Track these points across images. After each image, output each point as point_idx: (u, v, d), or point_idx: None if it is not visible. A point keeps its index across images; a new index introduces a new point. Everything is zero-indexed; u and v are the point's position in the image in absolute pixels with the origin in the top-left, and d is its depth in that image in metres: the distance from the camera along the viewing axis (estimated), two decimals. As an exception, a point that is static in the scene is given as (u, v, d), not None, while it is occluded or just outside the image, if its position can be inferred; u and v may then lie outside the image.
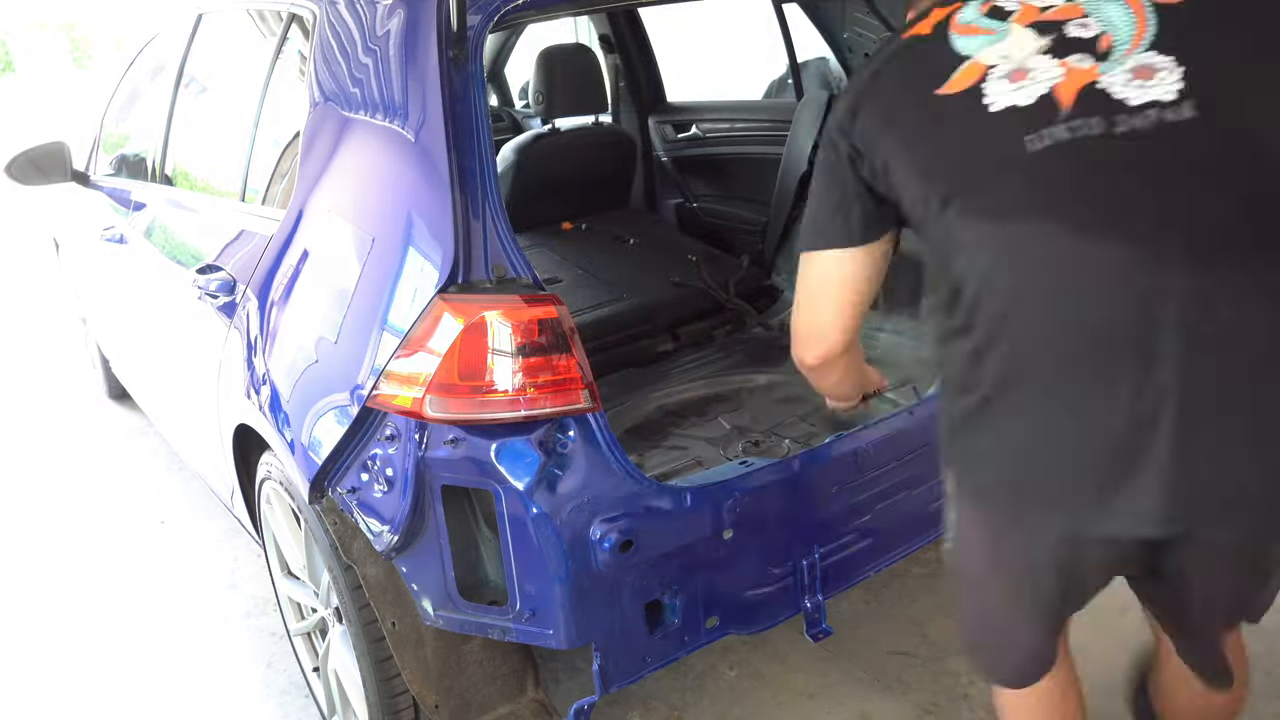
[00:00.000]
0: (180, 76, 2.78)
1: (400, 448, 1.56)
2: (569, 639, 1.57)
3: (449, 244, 1.52)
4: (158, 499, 3.42)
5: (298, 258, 1.86)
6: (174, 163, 2.76)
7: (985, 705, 2.10)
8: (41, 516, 3.39)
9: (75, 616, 2.77)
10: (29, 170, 3.17)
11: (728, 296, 2.86)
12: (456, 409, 1.50)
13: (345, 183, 1.80)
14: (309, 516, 1.82)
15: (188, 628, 2.67)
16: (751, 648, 2.32)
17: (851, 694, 2.17)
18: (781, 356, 2.66)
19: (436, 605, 1.65)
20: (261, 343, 1.91)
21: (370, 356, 1.58)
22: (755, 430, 2.18)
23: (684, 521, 1.61)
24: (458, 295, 1.51)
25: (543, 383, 1.49)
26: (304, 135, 1.90)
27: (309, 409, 1.72)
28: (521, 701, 1.84)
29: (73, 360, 4.78)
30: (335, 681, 2.06)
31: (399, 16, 1.69)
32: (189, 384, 2.46)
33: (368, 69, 1.76)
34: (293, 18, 2.10)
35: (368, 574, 1.72)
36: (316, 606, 2.07)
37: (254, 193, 2.20)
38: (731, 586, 1.73)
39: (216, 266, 2.16)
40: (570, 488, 1.51)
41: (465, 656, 1.77)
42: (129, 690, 2.44)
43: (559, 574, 1.52)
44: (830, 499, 1.83)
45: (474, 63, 1.61)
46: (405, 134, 1.63)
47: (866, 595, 2.48)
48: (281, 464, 1.88)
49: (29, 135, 3.72)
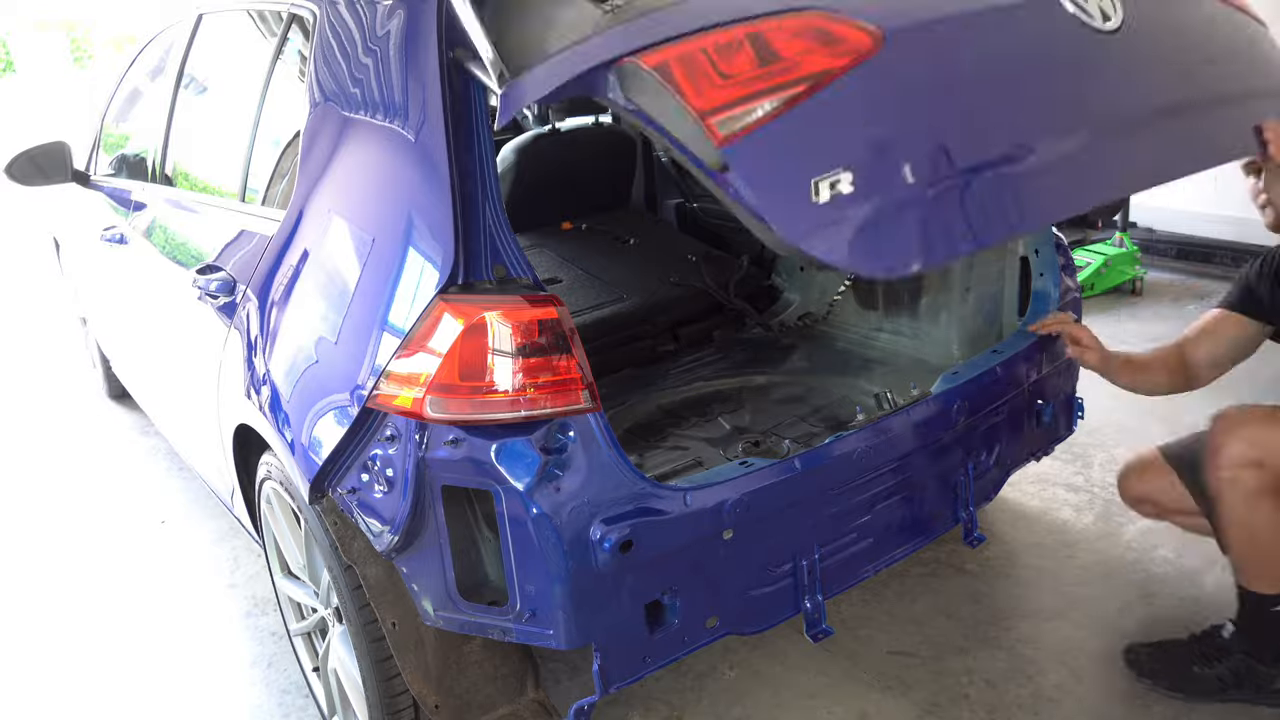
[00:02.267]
0: (180, 77, 2.79)
1: (400, 448, 1.57)
2: (569, 639, 1.57)
3: (449, 244, 1.52)
4: (158, 499, 3.42)
5: (298, 258, 1.86)
6: (174, 163, 2.76)
7: (985, 705, 2.11)
8: (42, 516, 3.39)
9: (75, 616, 2.77)
10: (29, 170, 3.17)
11: (728, 296, 2.86)
12: (457, 409, 1.50)
13: (345, 183, 1.80)
14: (309, 516, 1.82)
15: (188, 628, 2.67)
16: (751, 648, 2.32)
17: (851, 694, 2.17)
18: (781, 356, 2.66)
19: (437, 605, 1.65)
20: (261, 343, 1.91)
21: (370, 357, 1.58)
22: (755, 430, 2.18)
23: (684, 521, 1.61)
24: (458, 296, 1.51)
25: (543, 383, 1.49)
26: (304, 135, 1.90)
27: (309, 409, 1.72)
28: (521, 701, 1.84)
29: (73, 360, 4.78)
30: (335, 681, 2.06)
31: (399, 16, 1.69)
32: (189, 384, 2.46)
33: (368, 69, 1.76)
34: (293, 18, 2.10)
35: (368, 574, 1.73)
36: (316, 606, 2.07)
37: (254, 193, 2.20)
38: (731, 587, 1.73)
39: (217, 266, 2.16)
40: (570, 488, 1.51)
41: (465, 657, 1.78)
42: (129, 690, 2.44)
43: (559, 574, 1.52)
44: (830, 499, 1.83)
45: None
46: (405, 134, 1.63)
47: (866, 595, 2.48)
48: (282, 464, 1.88)
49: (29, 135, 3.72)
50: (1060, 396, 2.30)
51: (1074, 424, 2.39)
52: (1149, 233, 5.12)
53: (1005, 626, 2.33)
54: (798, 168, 1.28)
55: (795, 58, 1.35)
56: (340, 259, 1.75)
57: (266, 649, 2.54)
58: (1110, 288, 4.56)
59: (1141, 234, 5.08)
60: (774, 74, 1.32)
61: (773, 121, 1.29)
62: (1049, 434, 2.31)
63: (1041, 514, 2.79)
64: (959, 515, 2.09)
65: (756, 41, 1.36)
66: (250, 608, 2.73)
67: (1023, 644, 2.27)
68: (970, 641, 2.30)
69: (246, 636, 2.61)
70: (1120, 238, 4.63)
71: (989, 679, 2.18)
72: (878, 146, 1.37)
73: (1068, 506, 2.81)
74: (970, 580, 2.53)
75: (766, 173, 1.28)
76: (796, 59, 1.35)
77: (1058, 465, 2.96)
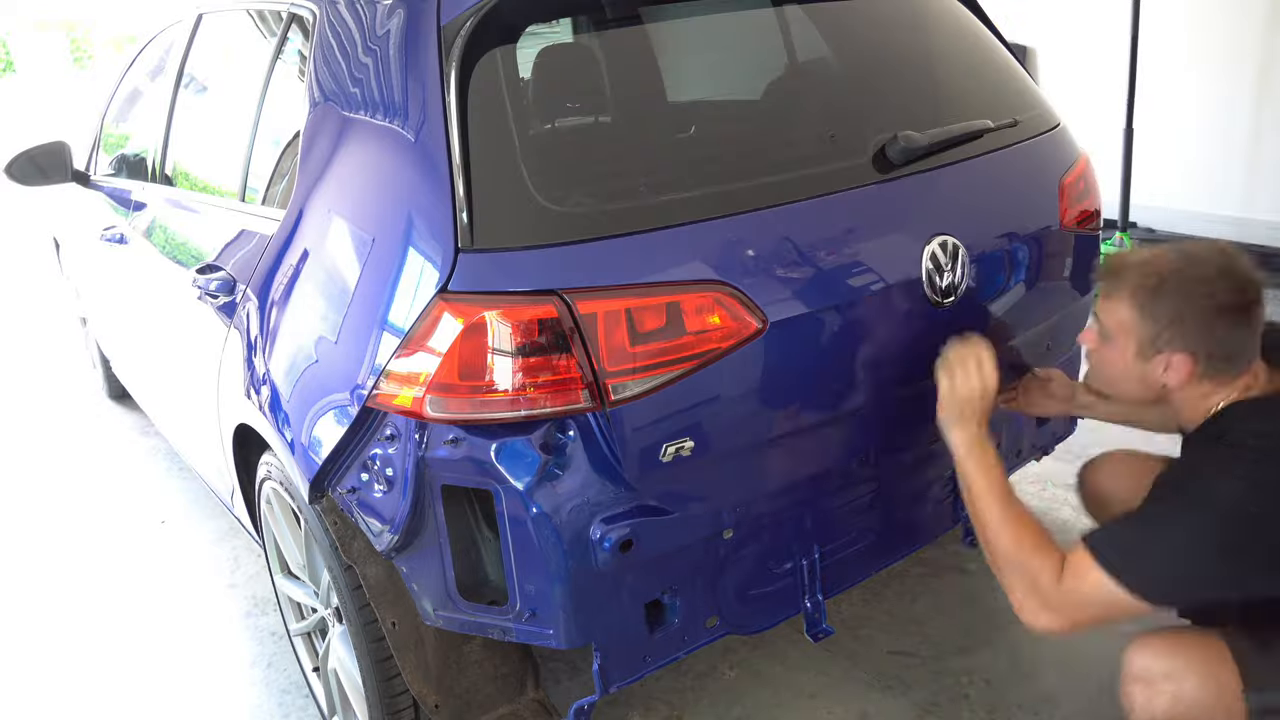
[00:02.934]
0: (180, 76, 2.79)
1: (400, 447, 1.56)
2: (569, 639, 1.57)
3: (449, 244, 1.52)
4: (158, 499, 3.42)
5: (298, 258, 1.86)
6: (174, 163, 2.76)
7: (985, 705, 2.11)
8: (42, 516, 3.39)
9: (75, 616, 2.77)
10: (29, 170, 3.17)
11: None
12: (456, 409, 1.50)
13: (345, 183, 1.79)
14: (309, 516, 1.82)
15: (188, 628, 2.67)
16: (751, 648, 2.32)
17: (851, 694, 2.17)
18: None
19: (436, 605, 1.65)
20: (261, 342, 1.91)
21: (370, 356, 1.58)
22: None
23: (684, 521, 1.61)
24: (458, 295, 1.51)
25: (543, 382, 1.49)
26: (304, 135, 1.90)
27: (309, 409, 1.72)
28: (521, 701, 1.84)
29: (73, 360, 4.78)
30: (335, 681, 2.06)
31: (399, 16, 1.69)
32: (189, 384, 2.46)
33: (368, 69, 1.76)
34: (293, 18, 2.10)
35: (368, 574, 1.73)
36: (316, 606, 2.07)
37: (254, 192, 2.20)
38: (731, 586, 1.73)
39: (216, 266, 2.16)
40: (570, 487, 1.51)
41: (465, 656, 1.78)
42: (129, 690, 2.44)
43: (559, 574, 1.52)
44: (830, 499, 1.82)
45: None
46: (405, 134, 1.63)
47: (866, 595, 2.48)
48: (281, 464, 1.88)
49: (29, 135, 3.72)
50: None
51: (1074, 424, 2.39)
52: (1149, 233, 5.12)
53: (1005, 626, 2.33)
54: (656, 431, 1.52)
55: (695, 338, 1.52)
56: (340, 259, 1.75)
57: (266, 649, 2.54)
58: (1110, 288, 4.55)
59: (1141, 234, 5.08)
60: (672, 350, 1.50)
61: (655, 394, 1.49)
62: (1049, 433, 2.31)
63: (1042, 514, 2.79)
64: (959, 515, 2.09)
65: (672, 309, 1.52)
66: (250, 608, 2.73)
67: (1023, 644, 2.27)
68: (970, 641, 2.30)
69: (246, 636, 2.61)
70: (1120, 238, 4.64)
71: (989, 679, 2.18)
72: (722, 419, 1.58)
73: (1068, 506, 2.81)
74: (970, 580, 2.53)
75: (630, 432, 1.50)
76: (695, 339, 1.52)
77: (1058, 465, 2.96)
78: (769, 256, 1.62)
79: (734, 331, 1.55)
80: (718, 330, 1.54)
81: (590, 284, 1.48)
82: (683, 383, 1.51)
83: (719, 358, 1.53)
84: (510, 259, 1.50)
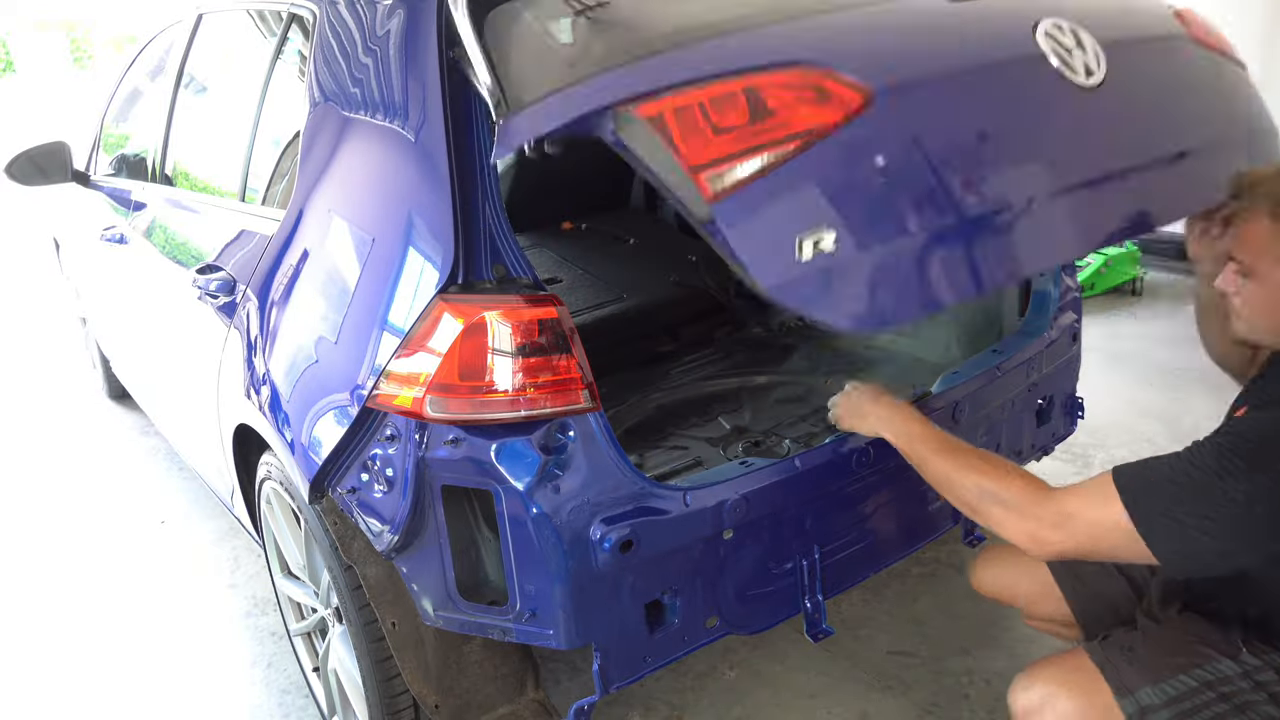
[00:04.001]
0: (180, 76, 2.79)
1: (400, 448, 1.57)
2: (569, 639, 1.57)
3: (449, 244, 1.52)
4: (158, 499, 3.42)
5: (298, 258, 1.86)
6: (174, 163, 2.76)
7: (985, 705, 2.11)
8: (42, 516, 3.39)
9: (75, 616, 2.77)
10: (29, 170, 3.17)
11: (728, 296, 2.86)
12: (456, 409, 1.50)
13: (345, 183, 1.80)
14: (309, 516, 1.82)
15: (188, 628, 2.67)
16: (751, 648, 2.32)
17: (851, 694, 2.17)
18: (781, 356, 2.66)
19: (437, 605, 1.65)
20: (261, 343, 1.91)
21: (370, 356, 1.58)
22: (755, 430, 2.18)
23: (684, 521, 1.61)
24: (458, 295, 1.51)
25: (543, 383, 1.49)
26: (304, 135, 1.90)
27: (309, 409, 1.72)
28: (521, 701, 1.84)
29: (73, 360, 4.78)
30: (335, 681, 2.06)
31: (399, 16, 1.69)
32: (189, 384, 2.46)
33: (368, 69, 1.76)
34: (293, 18, 2.10)
35: (368, 574, 1.73)
36: (316, 606, 2.07)
37: (254, 193, 2.20)
38: (731, 587, 1.73)
39: (216, 266, 2.16)
40: (570, 488, 1.51)
41: (465, 656, 1.77)
42: (129, 690, 2.44)
43: (559, 574, 1.52)
44: (830, 499, 1.82)
45: None
46: (405, 134, 1.63)
47: (866, 595, 2.48)
48: (281, 464, 1.88)
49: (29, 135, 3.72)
50: (1061, 396, 2.30)
51: (1074, 423, 2.39)
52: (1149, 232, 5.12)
53: (1005, 626, 2.33)
54: (783, 224, 1.31)
55: (787, 114, 1.36)
56: (340, 259, 1.75)
57: (266, 649, 2.54)
58: (1110, 288, 4.56)
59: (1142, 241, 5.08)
60: (766, 130, 1.34)
61: (761, 179, 1.31)
62: (1049, 433, 2.31)
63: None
64: (959, 514, 2.08)
65: (751, 95, 1.37)
66: (250, 608, 2.73)
67: (1023, 644, 2.27)
68: (970, 641, 2.30)
69: (246, 636, 2.61)
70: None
71: (989, 679, 2.18)
72: (861, 205, 1.38)
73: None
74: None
75: (752, 228, 1.31)
76: (788, 115, 1.36)
77: (1058, 465, 2.96)
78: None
79: (842, 103, 1.38)
80: (813, 108, 1.38)
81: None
82: (794, 164, 1.33)
83: (824, 136, 1.36)
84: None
